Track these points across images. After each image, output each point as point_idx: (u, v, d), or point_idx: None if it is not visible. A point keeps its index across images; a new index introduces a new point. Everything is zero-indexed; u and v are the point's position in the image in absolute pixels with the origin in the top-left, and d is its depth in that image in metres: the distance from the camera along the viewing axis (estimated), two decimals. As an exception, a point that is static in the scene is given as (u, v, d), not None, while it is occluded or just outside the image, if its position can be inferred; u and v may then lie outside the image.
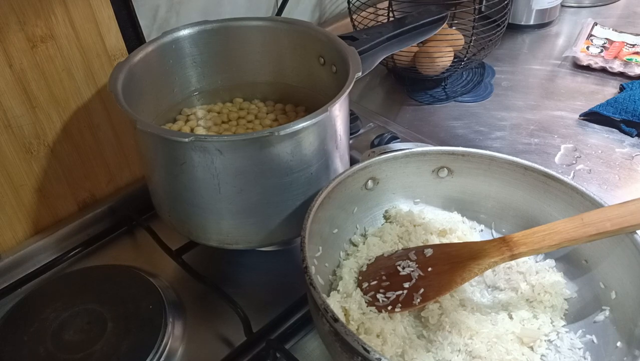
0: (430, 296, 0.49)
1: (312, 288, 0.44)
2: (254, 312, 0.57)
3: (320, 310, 0.43)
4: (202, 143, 0.50)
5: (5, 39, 0.58)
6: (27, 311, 0.60)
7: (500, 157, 0.57)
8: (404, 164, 0.59)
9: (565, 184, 0.54)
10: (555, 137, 0.82)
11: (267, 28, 0.69)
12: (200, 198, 0.55)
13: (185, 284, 0.63)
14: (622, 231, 0.47)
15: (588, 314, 0.51)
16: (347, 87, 0.54)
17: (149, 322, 0.57)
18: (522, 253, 0.49)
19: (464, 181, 0.60)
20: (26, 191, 0.66)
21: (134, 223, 0.71)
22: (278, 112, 0.70)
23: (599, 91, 0.91)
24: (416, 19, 0.71)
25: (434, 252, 0.53)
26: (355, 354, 0.41)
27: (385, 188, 0.60)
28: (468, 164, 0.58)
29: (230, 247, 0.59)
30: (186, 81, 0.70)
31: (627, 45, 0.99)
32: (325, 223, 0.54)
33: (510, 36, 1.08)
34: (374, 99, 0.95)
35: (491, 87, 0.95)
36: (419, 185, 0.60)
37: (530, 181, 0.56)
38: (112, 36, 0.66)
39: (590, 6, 1.19)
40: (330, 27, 1.02)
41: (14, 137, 0.63)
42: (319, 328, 0.46)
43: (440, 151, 0.58)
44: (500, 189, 0.58)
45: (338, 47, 0.62)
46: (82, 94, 0.66)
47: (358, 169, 0.56)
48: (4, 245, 0.66)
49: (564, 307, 0.52)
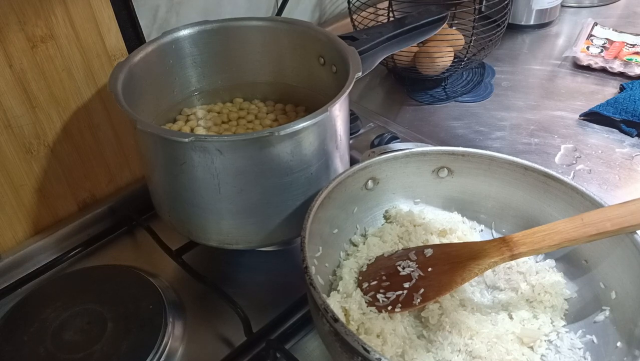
0: (430, 297, 0.49)
1: (312, 288, 0.44)
2: (254, 312, 0.57)
3: (320, 310, 0.43)
4: (202, 143, 0.50)
5: (5, 39, 0.58)
6: (27, 311, 0.60)
7: (500, 158, 0.57)
8: (404, 164, 0.59)
9: (566, 184, 0.54)
10: (555, 137, 0.82)
11: (267, 28, 0.69)
12: (200, 198, 0.55)
13: (185, 284, 0.63)
14: (622, 231, 0.47)
15: (588, 314, 0.51)
16: (347, 87, 0.54)
17: (149, 322, 0.57)
18: (522, 253, 0.49)
19: (464, 181, 0.60)
20: (26, 191, 0.66)
21: (134, 223, 0.71)
22: (278, 113, 0.70)
23: (599, 91, 0.91)
24: (416, 19, 0.71)
25: (434, 252, 0.53)
26: (355, 354, 0.41)
27: (386, 188, 0.60)
28: (468, 164, 0.58)
29: (231, 247, 0.59)
30: (186, 81, 0.70)
31: (627, 45, 0.99)
32: (325, 223, 0.54)
33: (511, 36, 1.08)
34: (374, 99, 0.95)
35: (491, 87, 0.95)
36: (419, 185, 0.60)
37: (530, 181, 0.56)
38: (112, 36, 0.66)
39: (590, 6, 1.19)
40: (330, 27, 1.02)
41: (14, 137, 0.63)
42: (319, 328, 0.46)
43: (441, 151, 0.58)
44: (500, 189, 0.58)
45: (338, 47, 0.62)
46: (82, 94, 0.66)
47: (358, 169, 0.56)
48: (4, 245, 0.66)
49: (564, 307, 0.52)
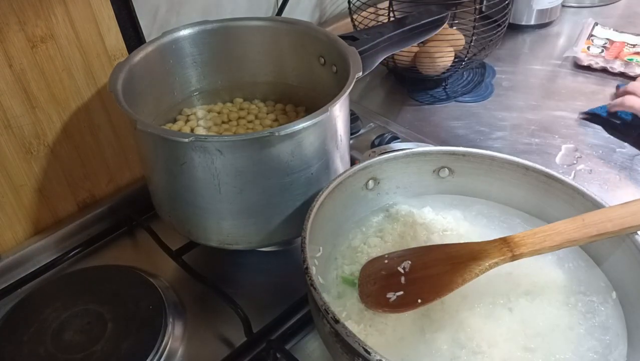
0: (431, 297, 0.49)
1: (313, 289, 0.43)
2: (254, 312, 0.57)
3: (321, 310, 0.43)
4: (202, 143, 0.50)
5: (5, 39, 0.58)
6: (27, 312, 0.59)
7: (501, 157, 0.57)
8: (405, 164, 0.59)
9: (566, 184, 0.53)
10: (556, 137, 0.82)
11: (267, 28, 0.69)
12: (201, 198, 0.55)
13: (185, 284, 0.63)
14: (623, 231, 0.47)
15: (589, 313, 0.51)
16: (348, 87, 0.54)
17: (149, 322, 0.57)
18: (523, 254, 0.49)
19: (464, 181, 0.59)
20: (26, 191, 0.66)
21: (134, 223, 0.71)
22: (278, 113, 0.70)
23: (600, 91, 0.91)
24: (417, 19, 0.71)
25: (435, 252, 0.53)
26: (356, 355, 0.40)
27: (386, 187, 0.60)
28: (469, 164, 0.58)
29: (231, 247, 0.59)
30: (186, 81, 0.70)
31: (628, 45, 0.99)
32: (326, 223, 0.54)
33: (511, 36, 1.08)
34: (375, 99, 0.95)
35: (492, 87, 0.95)
36: (420, 185, 0.60)
37: (531, 181, 0.56)
38: (112, 36, 0.66)
39: (590, 6, 1.19)
40: (330, 27, 1.01)
41: (14, 137, 0.63)
42: (319, 328, 0.46)
43: (441, 151, 0.58)
44: (501, 189, 0.58)
45: (338, 47, 0.62)
46: (82, 94, 0.66)
47: (359, 169, 0.56)
48: (4, 245, 0.66)
49: (565, 307, 0.52)
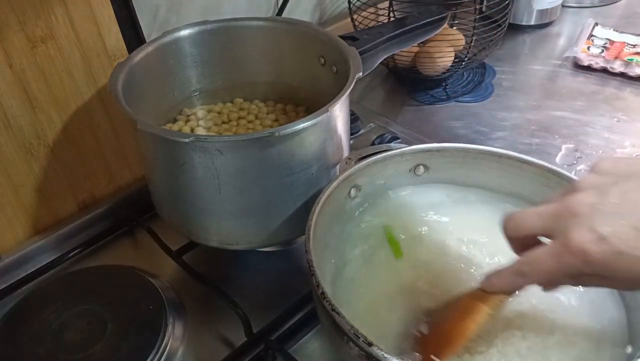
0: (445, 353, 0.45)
1: (336, 314, 0.42)
2: (254, 312, 0.57)
3: (348, 335, 0.41)
4: (203, 143, 0.50)
5: (5, 39, 0.58)
6: (27, 312, 0.59)
7: (474, 148, 0.58)
8: (382, 168, 0.58)
9: (538, 165, 0.55)
10: (556, 137, 0.82)
11: (267, 28, 0.69)
12: (201, 198, 0.55)
13: (185, 284, 0.63)
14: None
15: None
16: (348, 87, 0.54)
17: (149, 323, 0.57)
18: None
19: (441, 176, 0.60)
20: (26, 191, 0.66)
21: (134, 223, 0.71)
22: (278, 113, 0.70)
23: (600, 91, 0.91)
24: (417, 19, 0.71)
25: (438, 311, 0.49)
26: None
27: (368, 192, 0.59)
28: (443, 159, 0.59)
29: (231, 247, 0.59)
30: (186, 81, 0.69)
31: (628, 45, 0.99)
32: (327, 223, 0.54)
33: (511, 36, 1.07)
34: (375, 100, 0.95)
35: (492, 88, 0.94)
36: (399, 185, 0.60)
37: (504, 167, 0.57)
38: (112, 36, 0.66)
39: (591, 6, 1.19)
40: (330, 27, 1.01)
41: (14, 137, 0.63)
42: (341, 351, 0.45)
43: (416, 150, 0.58)
44: (479, 178, 0.59)
45: (339, 48, 0.62)
46: (82, 94, 0.66)
47: (342, 180, 0.55)
48: (4, 245, 0.66)
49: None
